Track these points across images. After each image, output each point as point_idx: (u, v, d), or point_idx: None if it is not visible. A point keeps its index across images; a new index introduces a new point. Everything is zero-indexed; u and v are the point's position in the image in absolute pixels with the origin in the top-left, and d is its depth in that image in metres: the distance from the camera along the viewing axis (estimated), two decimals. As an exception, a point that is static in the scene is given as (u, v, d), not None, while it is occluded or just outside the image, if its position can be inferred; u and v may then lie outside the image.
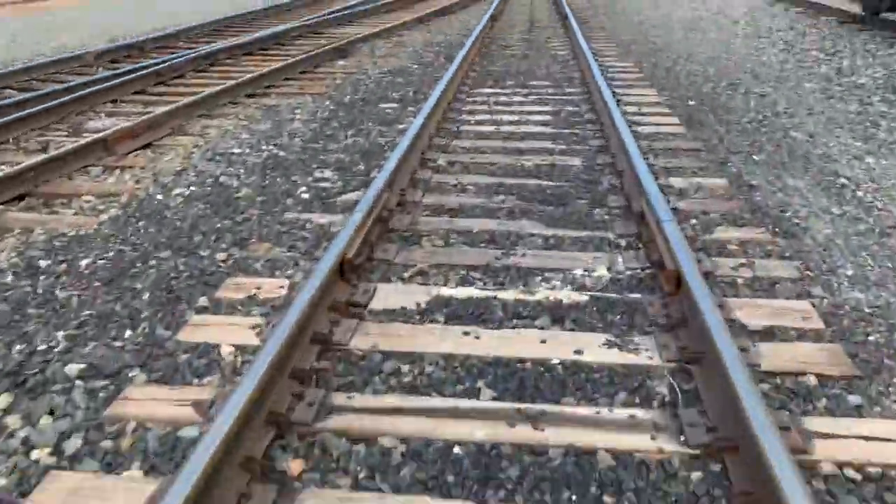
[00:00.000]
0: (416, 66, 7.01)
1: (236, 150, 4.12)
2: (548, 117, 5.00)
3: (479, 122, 4.90)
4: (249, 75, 6.12)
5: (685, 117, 4.96)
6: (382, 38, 8.89)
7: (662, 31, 9.51)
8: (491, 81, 6.27)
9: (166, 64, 6.43)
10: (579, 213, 3.24)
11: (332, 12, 11.16)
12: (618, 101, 5.31)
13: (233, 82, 5.84)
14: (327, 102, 5.42)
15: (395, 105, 5.42)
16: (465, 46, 7.29)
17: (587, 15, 11.38)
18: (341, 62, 7.18)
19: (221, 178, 3.63)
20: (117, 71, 6.32)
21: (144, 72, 5.98)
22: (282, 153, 4.09)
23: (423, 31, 9.72)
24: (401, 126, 4.79)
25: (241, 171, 3.77)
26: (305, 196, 3.45)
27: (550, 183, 3.65)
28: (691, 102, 5.42)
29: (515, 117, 5.00)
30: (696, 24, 10.06)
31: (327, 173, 3.80)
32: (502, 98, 5.61)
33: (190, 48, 8.19)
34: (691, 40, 8.71)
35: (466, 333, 2.23)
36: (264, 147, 4.20)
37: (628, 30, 9.69)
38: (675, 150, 4.16)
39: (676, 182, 3.61)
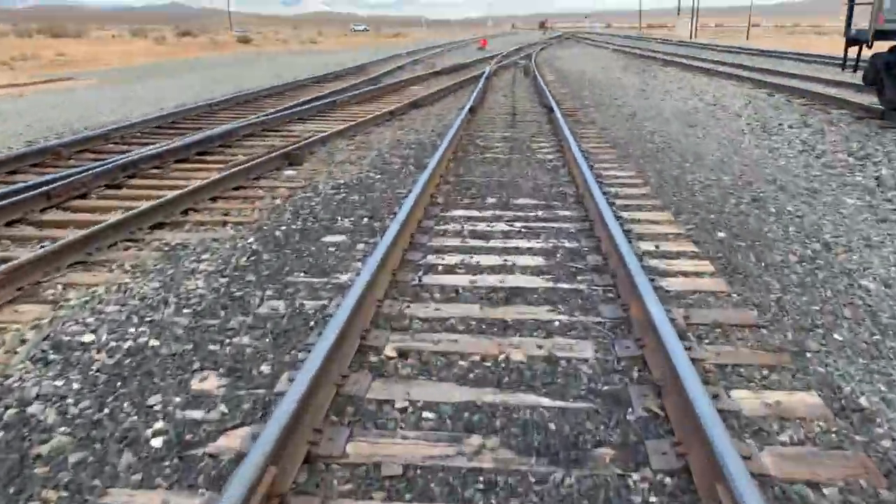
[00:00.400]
0: (378, 177, 5.86)
1: (87, 338, 2.80)
2: (540, 261, 3.78)
3: (448, 269, 3.67)
4: (170, 194, 4.93)
5: (721, 261, 3.76)
6: (346, 136, 7.84)
7: (658, 126, 8.59)
8: (467, 200, 5.10)
9: (68, 180, 5.21)
10: (607, 486, 1.93)
11: (297, 105, 10.19)
12: (627, 231, 4.15)
13: (147, 205, 4.62)
14: (252, 238, 4.16)
15: (341, 238, 4.20)
16: (438, 149, 6.22)
17: (573, 106, 10.53)
18: (289, 172, 6.03)
19: (32, 407, 2.28)
20: (4, 190, 5.08)
21: (29, 193, 4.73)
22: (154, 341, 2.78)
23: (394, 127, 8.72)
24: (342, 278, 3.54)
25: (75, 384, 2.44)
26: (157, 443, 2.12)
27: (551, 403, 2.36)
28: (720, 234, 4.25)
29: (498, 260, 3.78)
30: (693, 118, 9.18)
31: (210, 382, 2.48)
32: (480, 227, 4.41)
33: (123, 152, 7.05)
34: (693, 138, 7.75)
35: None
36: (132, 329, 2.88)
37: (620, 125, 8.76)
38: (725, 329, 2.91)
39: (745, 401, 2.33)
